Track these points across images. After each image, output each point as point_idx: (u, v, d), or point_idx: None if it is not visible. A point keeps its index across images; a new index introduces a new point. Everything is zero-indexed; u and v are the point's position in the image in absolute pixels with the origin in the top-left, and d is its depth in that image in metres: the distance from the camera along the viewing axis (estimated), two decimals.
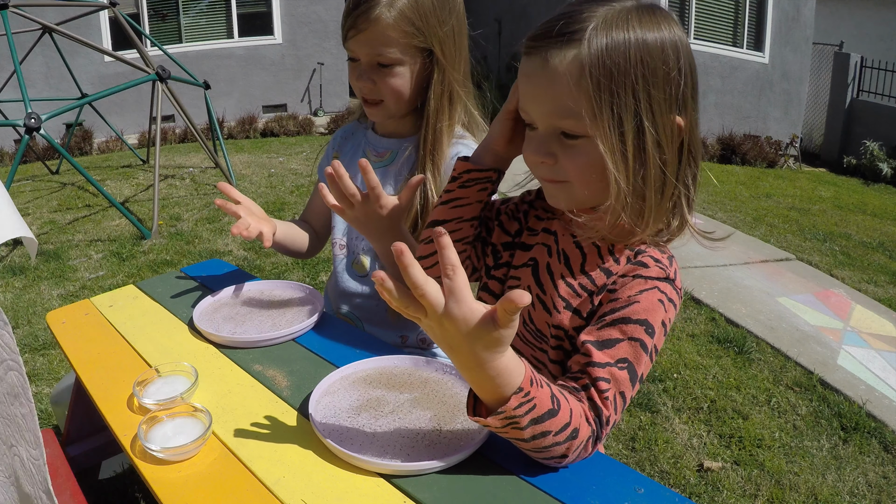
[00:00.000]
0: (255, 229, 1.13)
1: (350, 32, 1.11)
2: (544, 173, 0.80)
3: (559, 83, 0.73)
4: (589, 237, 0.81)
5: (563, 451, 0.71)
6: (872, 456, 2.43)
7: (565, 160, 0.76)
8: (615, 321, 0.77)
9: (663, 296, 0.78)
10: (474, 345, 0.61)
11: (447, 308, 0.60)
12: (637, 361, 0.75)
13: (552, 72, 0.73)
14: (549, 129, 0.77)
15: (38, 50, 6.51)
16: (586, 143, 0.75)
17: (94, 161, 7.33)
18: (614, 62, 0.71)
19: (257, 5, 9.40)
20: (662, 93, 0.74)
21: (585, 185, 0.77)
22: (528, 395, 0.65)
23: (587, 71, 0.71)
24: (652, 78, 0.73)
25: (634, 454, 2.32)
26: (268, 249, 4.24)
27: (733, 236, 4.98)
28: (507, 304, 0.57)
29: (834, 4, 10.74)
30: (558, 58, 0.73)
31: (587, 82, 0.72)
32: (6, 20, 4.41)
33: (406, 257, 0.58)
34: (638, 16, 0.74)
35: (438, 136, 1.17)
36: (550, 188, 0.82)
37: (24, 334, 3.11)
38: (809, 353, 3.19)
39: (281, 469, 0.75)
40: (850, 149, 9.05)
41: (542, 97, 0.75)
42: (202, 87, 6.01)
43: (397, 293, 0.61)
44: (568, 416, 0.69)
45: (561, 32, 0.73)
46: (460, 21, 1.18)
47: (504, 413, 0.65)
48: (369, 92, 1.15)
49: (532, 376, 0.67)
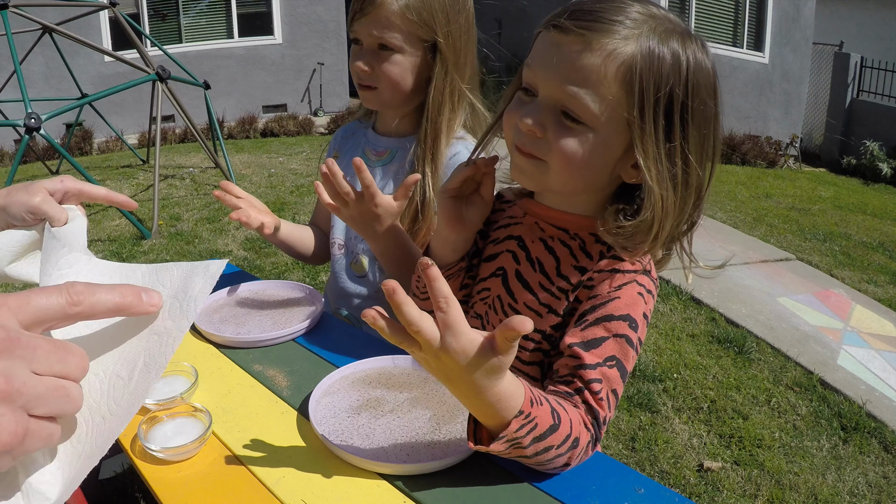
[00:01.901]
0: (255, 219, 1.14)
1: (356, 15, 1.13)
2: (525, 143, 0.76)
3: (593, 65, 0.70)
4: (625, 247, 0.78)
5: (566, 461, 0.71)
6: (872, 456, 2.43)
7: (555, 139, 0.74)
8: (598, 319, 0.76)
9: (642, 288, 0.78)
10: (473, 374, 0.59)
11: (444, 342, 0.58)
12: (625, 357, 0.75)
13: (589, 51, 0.70)
14: (551, 101, 0.74)
15: (38, 50, 6.51)
16: (583, 131, 0.73)
17: (94, 161, 7.33)
18: (666, 73, 0.71)
19: (257, 5, 9.40)
20: (699, 120, 0.73)
21: (562, 172, 0.75)
22: (528, 417, 0.64)
23: (636, 71, 0.70)
24: (693, 102, 0.72)
25: (634, 454, 2.32)
26: (268, 250, 4.24)
27: (733, 236, 4.98)
28: (508, 331, 0.55)
29: (834, 4, 10.74)
30: (600, 40, 0.70)
31: (628, 79, 0.70)
32: (6, 20, 4.42)
33: (398, 296, 0.55)
34: (687, 37, 0.74)
35: (437, 133, 1.17)
36: (523, 162, 0.78)
37: None
38: (809, 353, 3.19)
39: (281, 469, 0.75)
40: (850, 149, 9.05)
41: (565, 69, 0.71)
42: (202, 87, 6.01)
43: (390, 330, 0.58)
44: (569, 427, 0.68)
45: (608, 19, 0.70)
46: (469, 22, 1.18)
47: (505, 437, 0.64)
48: (366, 76, 1.15)
49: (532, 396, 0.65)
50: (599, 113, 0.71)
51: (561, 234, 0.84)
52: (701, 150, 0.75)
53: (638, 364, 2.95)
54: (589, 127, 0.72)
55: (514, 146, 0.79)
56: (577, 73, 0.71)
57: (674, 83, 0.71)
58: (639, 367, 2.92)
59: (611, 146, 0.74)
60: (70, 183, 0.86)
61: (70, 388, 0.47)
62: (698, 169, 0.74)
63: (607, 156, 0.75)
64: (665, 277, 3.77)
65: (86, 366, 0.49)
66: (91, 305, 0.50)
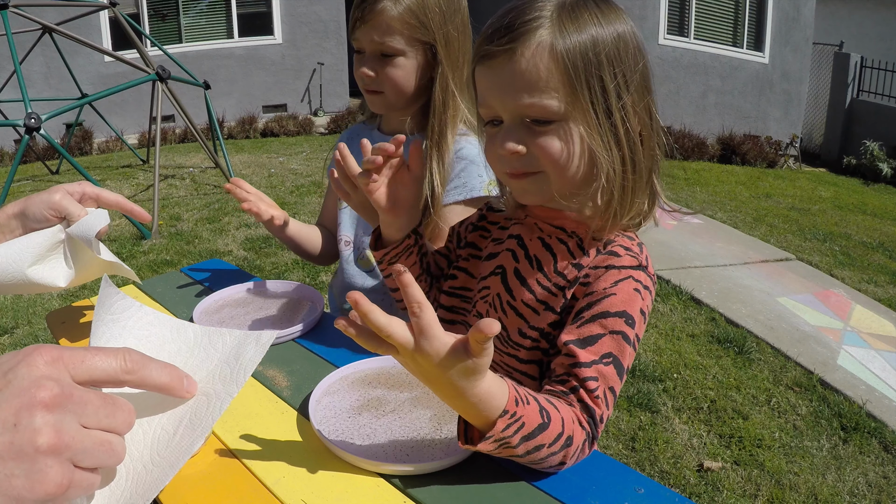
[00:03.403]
0: (266, 211, 1.22)
1: (357, 23, 1.17)
2: (515, 166, 0.79)
3: (529, 69, 0.73)
4: (579, 220, 0.82)
5: (560, 460, 0.71)
6: (872, 456, 2.43)
7: (537, 148, 0.76)
8: (594, 316, 0.76)
9: (638, 284, 0.78)
10: (450, 375, 0.60)
11: (418, 345, 0.59)
12: (621, 354, 0.75)
13: (520, 59, 0.73)
14: (516, 119, 0.77)
15: (38, 50, 6.52)
16: (557, 129, 0.75)
17: (94, 161, 7.33)
18: (584, 44, 0.73)
19: (257, 5, 9.41)
20: (630, 74, 0.76)
21: (559, 172, 0.77)
22: (514, 416, 0.65)
23: (560, 53, 0.73)
24: (619, 60, 0.75)
25: (634, 454, 2.32)
26: (268, 250, 4.24)
27: (733, 236, 4.98)
28: (477, 334, 0.56)
29: (834, 4, 10.75)
30: (524, 45, 0.73)
31: (561, 63, 0.73)
32: (6, 20, 4.42)
33: (362, 306, 0.57)
34: (595, 3, 0.76)
35: (444, 129, 1.20)
36: (522, 183, 0.80)
37: (24, 334, 3.11)
38: (809, 353, 3.19)
39: (281, 469, 0.75)
40: (850, 149, 9.06)
41: (510, 86, 0.75)
42: (202, 87, 6.01)
43: (363, 337, 0.60)
44: (560, 425, 0.68)
45: (520, 24, 0.74)
46: (465, 24, 1.21)
47: (493, 437, 0.64)
48: (371, 82, 1.19)
49: (517, 395, 0.66)
50: (555, 105, 0.74)
51: (558, 232, 0.85)
52: (642, 98, 0.78)
53: (638, 364, 2.94)
54: (559, 122, 0.75)
55: (506, 176, 0.82)
56: (523, 82, 0.74)
57: (596, 49, 0.74)
58: (639, 367, 2.92)
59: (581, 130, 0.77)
60: (88, 187, 0.93)
61: (115, 442, 0.50)
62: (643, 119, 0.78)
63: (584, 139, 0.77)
64: (665, 277, 3.77)
65: (132, 421, 0.52)
66: (142, 378, 0.54)
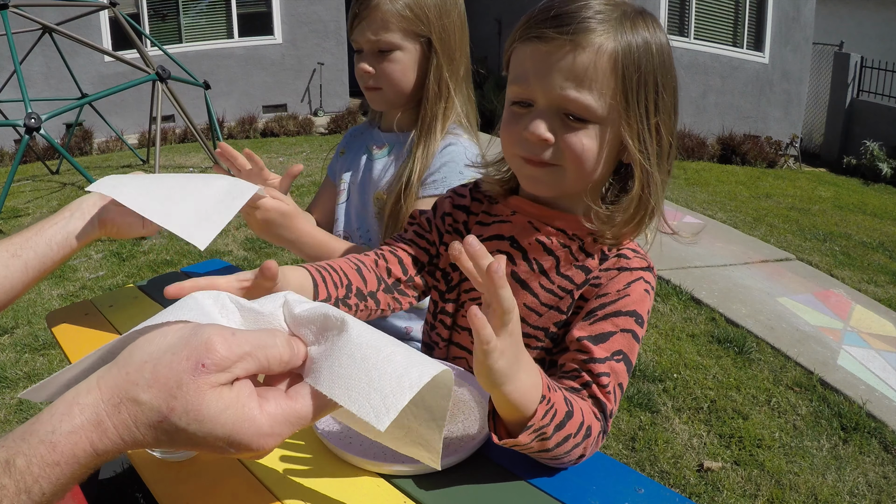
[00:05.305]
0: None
1: (355, 21, 1.19)
2: (535, 152, 0.77)
3: (586, 65, 0.73)
4: (604, 230, 0.81)
5: (581, 452, 0.71)
6: (872, 456, 2.43)
7: (565, 143, 0.75)
8: (607, 315, 0.77)
9: (648, 285, 0.80)
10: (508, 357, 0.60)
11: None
12: (631, 352, 0.76)
13: (579, 52, 0.73)
14: (552, 107, 0.75)
15: (38, 50, 6.51)
16: (591, 129, 0.75)
17: (94, 161, 7.33)
18: (642, 56, 0.74)
19: (257, 5, 9.40)
20: (670, 92, 0.78)
21: (579, 171, 0.77)
22: (549, 402, 0.65)
23: (619, 61, 0.73)
24: (665, 78, 0.77)
25: (634, 454, 2.32)
26: (269, 250, 4.24)
27: (733, 236, 4.97)
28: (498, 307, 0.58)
29: (834, 4, 10.74)
30: (586, 40, 0.73)
31: (620, 71, 0.73)
32: (6, 20, 4.42)
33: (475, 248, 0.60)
34: (647, 18, 0.78)
35: (434, 122, 1.22)
36: (537, 172, 0.79)
37: (24, 334, 3.11)
38: (809, 353, 3.19)
39: (281, 469, 0.75)
40: (850, 149, 9.05)
41: (560, 74, 0.74)
42: (202, 87, 6.01)
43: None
44: (581, 414, 0.69)
45: (586, 18, 0.73)
46: (461, 19, 1.23)
47: (533, 426, 0.64)
48: (369, 78, 1.21)
49: (548, 382, 0.66)
50: (598, 107, 0.74)
51: (559, 234, 0.84)
52: (673, 118, 0.80)
53: (638, 364, 2.95)
54: (592, 122, 0.75)
55: (520, 159, 0.79)
56: (574, 75, 0.73)
57: (649, 64, 0.75)
58: (639, 366, 2.92)
59: (613, 134, 0.77)
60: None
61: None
62: (670, 137, 0.80)
63: (612, 144, 0.78)
64: (665, 277, 3.77)
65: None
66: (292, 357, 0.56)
